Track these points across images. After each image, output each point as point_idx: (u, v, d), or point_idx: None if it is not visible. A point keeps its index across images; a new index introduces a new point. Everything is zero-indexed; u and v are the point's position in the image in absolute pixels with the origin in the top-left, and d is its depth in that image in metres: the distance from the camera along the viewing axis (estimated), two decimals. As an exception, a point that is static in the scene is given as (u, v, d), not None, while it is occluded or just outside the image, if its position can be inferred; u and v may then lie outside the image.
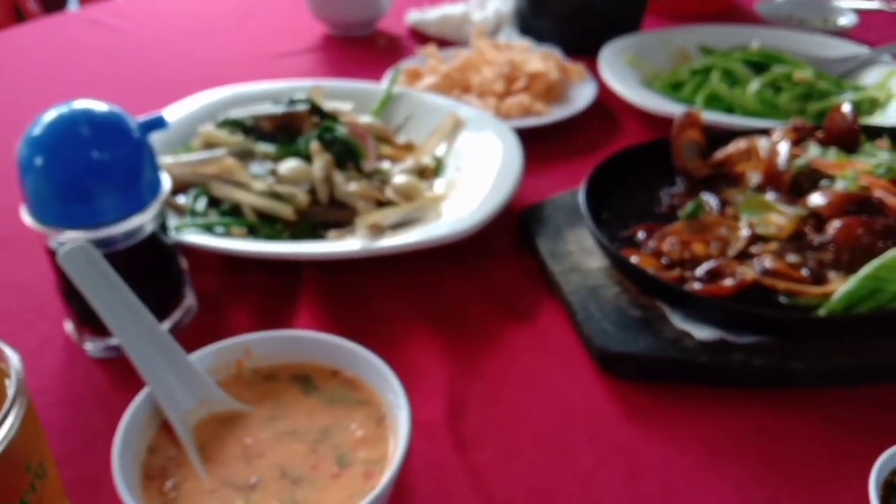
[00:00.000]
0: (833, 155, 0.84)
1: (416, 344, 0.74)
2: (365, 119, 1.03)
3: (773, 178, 0.82)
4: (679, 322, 0.71)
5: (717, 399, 0.67)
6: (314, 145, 0.87)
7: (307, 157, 0.88)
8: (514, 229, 0.89)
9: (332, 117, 0.94)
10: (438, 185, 0.93)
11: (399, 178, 0.88)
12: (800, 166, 0.82)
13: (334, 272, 0.80)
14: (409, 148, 1.01)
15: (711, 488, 0.59)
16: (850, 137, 0.87)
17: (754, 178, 0.85)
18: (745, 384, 0.68)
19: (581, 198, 0.81)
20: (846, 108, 0.88)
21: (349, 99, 1.07)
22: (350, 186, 0.85)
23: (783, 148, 0.83)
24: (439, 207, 0.86)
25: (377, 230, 0.80)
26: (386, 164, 0.96)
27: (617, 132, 1.11)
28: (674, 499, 0.59)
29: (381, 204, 0.85)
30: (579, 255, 0.81)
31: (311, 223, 0.83)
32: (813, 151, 0.84)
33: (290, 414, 0.58)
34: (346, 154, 0.89)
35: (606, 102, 1.15)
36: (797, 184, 0.82)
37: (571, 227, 0.84)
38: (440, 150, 0.99)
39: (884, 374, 0.68)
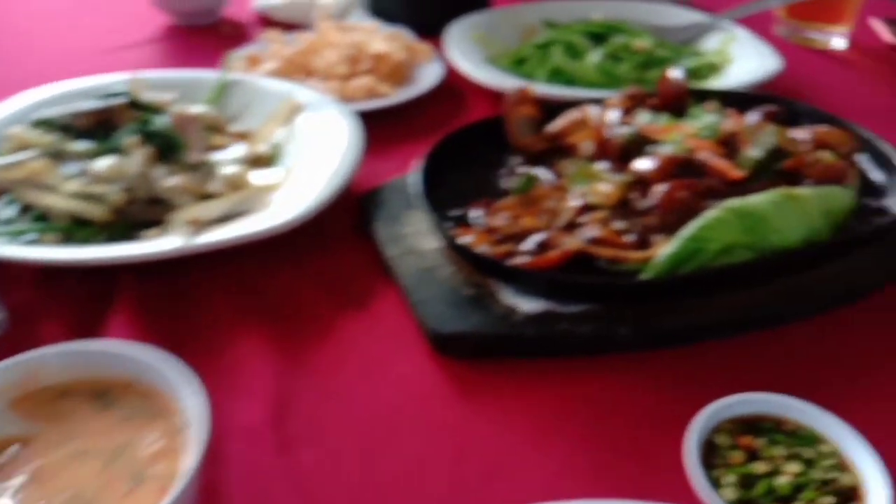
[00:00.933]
0: (664, 121, 0.85)
1: (245, 344, 0.70)
2: (196, 109, 0.97)
3: (603, 147, 0.82)
4: (509, 297, 0.70)
5: (545, 371, 0.66)
6: (130, 139, 0.82)
7: (126, 153, 0.82)
8: (353, 215, 0.86)
9: (152, 109, 0.88)
10: (275, 173, 0.89)
11: (226, 169, 0.84)
12: (630, 134, 0.82)
13: (154, 275, 0.75)
14: (244, 137, 0.96)
15: (537, 463, 0.59)
16: (680, 101, 0.88)
17: (587, 147, 0.85)
18: (573, 353, 0.68)
19: (415, 178, 0.79)
20: (675, 72, 0.89)
21: (181, 89, 1.01)
22: (169, 181, 0.80)
23: (612, 116, 0.83)
24: (269, 197, 0.82)
25: (198, 226, 0.75)
26: (217, 156, 0.91)
27: (464, 111, 1.09)
28: (498, 476, 0.57)
29: (208, 198, 0.81)
30: (416, 237, 0.79)
31: (130, 223, 0.78)
32: (643, 118, 0.85)
33: (83, 432, 0.53)
34: (168, 147, 0.84)
35: (454, 82, 1.13)
36: (627, 151, 0.82)
37: (409, 209, 0.82)
38: (278, 137, 0.95)
39: (706, 333, 0.69)
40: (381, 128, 1.03)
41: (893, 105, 1.17)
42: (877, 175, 0.84)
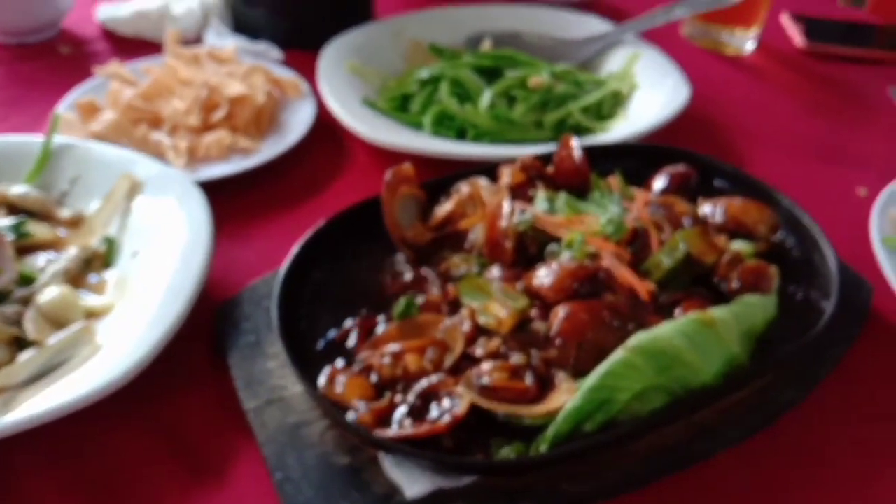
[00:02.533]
0: (562, 203, 0.74)
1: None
2: (17, 190, 0.81)
3: (495, 247, 0.71)
4: (391, 468, 0.59)
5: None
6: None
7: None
8: (206, 334, 0.72)
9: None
10: (108, 278, 0.75)
11: (47, 294, 0.69)
12: (525, 222, 0.71)
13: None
14: (75, 224, 0.81)
15: None
16: (580, 180, 0.78)
17: (478, 233, 0.74)
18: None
19: (273, 302, 0.66)
20: (573, 143, 0.78)
21: (-2, 158, 0.85)
22: (-29, 327, 0.65)
23: (506, 209, 0.72)
24: (96, 331, 0.67)
25: (6, 393, 0.61)
26: (41, 258, 0.76)
27: (342, 163, 0.95)
28: None
29: (22, 343, 0.66)
30: (281, 374, 0.67)
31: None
32: (539, 204, 0.74)
33: None
34: (-34, 274, 0.68)
35: (329, 121, 0.98)
36: (523, 247, 0.71)
37: (272, 332, 0.69)
38: (113, 226, 0.79)
39: (618, 489, 0.61)
40: (241, 194, 0.89)
41: (800, 125, 1.10)
42: (796, 251, 0.77)
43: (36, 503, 0.59)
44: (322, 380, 0.63)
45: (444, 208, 0.77)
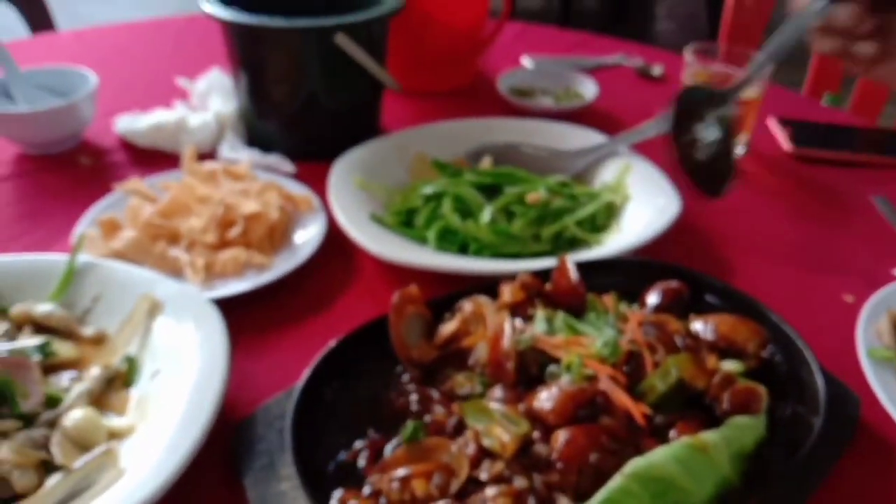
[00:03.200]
0: (560, 323, 0.79)
1: None
2: (42, 309, 0.86)
3: (498, 368, 0.75)
4: None
5: None
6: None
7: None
8: (225, 453, 0.76)
9: (-24, 348, 0.76)
10: (131, 396, 0.79)
11: (73, 416, 0.73)
12: (525, 342, 0.75)
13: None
14: (98, 342, 0.85)
15: None
16: (576, 299, 0.82)
17: (481, 352, 0.78)
18: None
19: (286, 433, 0.70)
20: (569, 265, 0.83)
21: (23, 277, 0.89)
22: (1, 451, 0.68)
23: (507, 331, 0.76)
24: (118, 457, 0.71)
25: (31, 525, 0.64)
26: (65, 377, 0.79)
27: (352, 277, 1.00)
28: None
29: (50, 467, 0.69)
30: (294, 496, 0.70)
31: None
32: (539, 325, 0.78)
33: None
34: (-3, 399, 0.72)
35: (339, 234, 1.03)
36: (524, 367, 0.75)
37: (285, 453, 0.73)
38: (134, 345, 0.84)
39: None
40: (256, 310, 0.93)
41: (788, 231, 1.15)
42: (784, 366, 0.80)
43: None
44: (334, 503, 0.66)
45: (449, 327, 0.81)
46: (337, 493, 0.67)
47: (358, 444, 0.72)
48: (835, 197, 1.23)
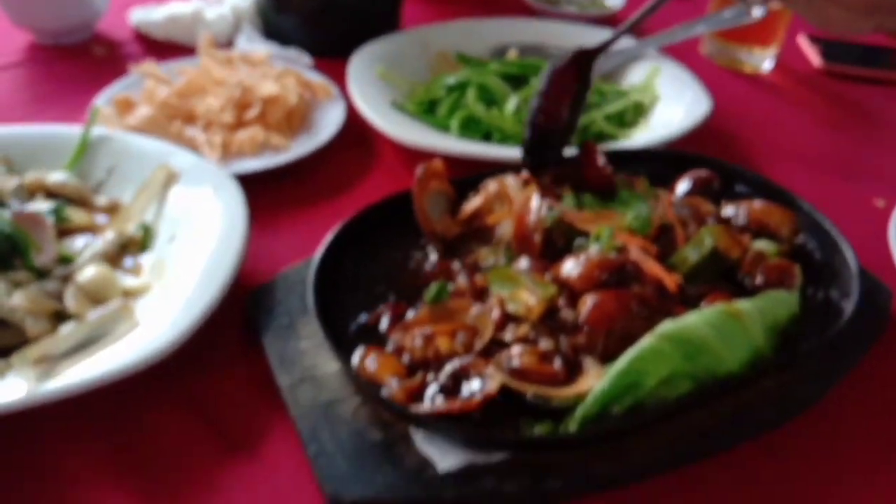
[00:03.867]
0: (590, 201, 0.76)
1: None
2: (56, 177, 0.83)
3: (524, 241, 0.73)
4: (423, 444, 0.60)
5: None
6: (-40, 247, 0.68)
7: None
8: (239, 318, 0.74)
9: (-11, 200, 0.74)
10: (145, 261, 0.77)
11: (87, 273, 0.71)
12: (552, 217, 0.73)
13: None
14: (112, 210, 0.83)
15: None
16: (605, 183, 0.79)
17: (506, 228, 0.76)
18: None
19: (308, 285, 0.68)
20: (596, 149, 0.80)
21: (36, 149, 0.87)
22: (14, 299, 0.66)
23: (535, 204, 0.74)
24: (135, 308, 0.69)
25: (46, 364, 0.62)
26: (79, 241, 0.77)
27: (371, 163, 0.98)
28: None
29: (62, 316, 0.68)
30: (314, 355, 0.68)
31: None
32: (567, 202, 0.76)
33: None
34: (11, 250, 0.70)
35: (358, 123, 1.01)
36: (551, 241, 0.73)
37: (306, 315, 0.71)
38: (149, 213, 0.81)
39: (645, 473, 0.62)
40: (273, 189, 0.91)
41: (818, 140, 1.12)
42: (818, 255, 0.78)
43: (72, 475, 0.61)
44: (356, 358, 0.64)
45: (473, 204, 0.78)
46: (359, 349, 0.65)
47: (380, 307, 0.70)
48: (865, 111, 1.20)
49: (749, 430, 0.65)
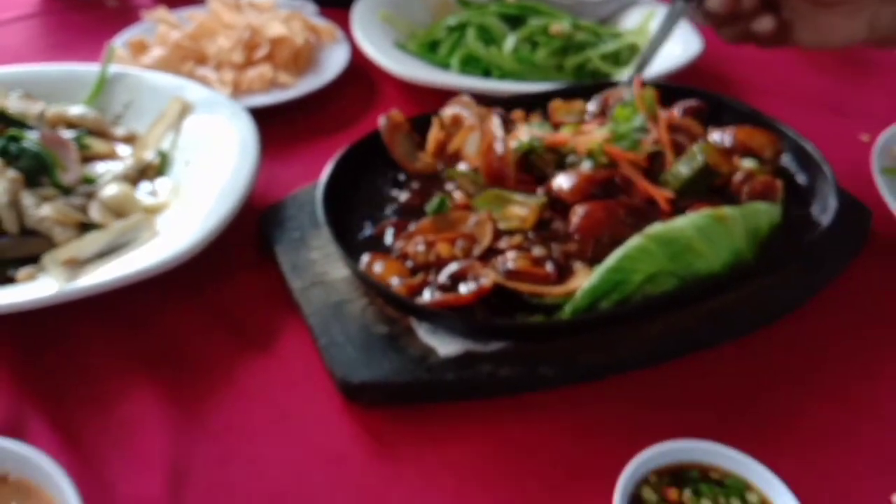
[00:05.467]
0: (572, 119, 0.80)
1: (136, 397, 0.63)
2: (75, 111, 0.88)
3: (496, 177, 0.75)
4: (425, 335, 0.65)
5: (466, 414, 0.63)
6: (-8, 162, 0.72)
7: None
8: (253, 235, 0.79)
9: (17, 123, 0.78)
10: (162, 189, 0.81)
11: (109, 190, 0.75)
12: (528, 144, 0.76)
13: (26, 320, 0.67)
14: (129, 140, 0.87)
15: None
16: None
17: (470, 148, 0.78)
18: (495, 394, 0.64)
19: (318, 199, 0.72)
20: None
21: (57, 85, 0.91)
22: (42, 210, 0.71)
23: (497, 133, 0.76)
24: (155, 221, 0.74)
25: (75, 265, 0.67)
26: (99, 167, 0.82)
27: (374, 100, 1.02)
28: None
29: (87, 227, 0.72)
30: (323, 263, 0.73)
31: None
32: (538, 128, 0.79)
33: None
34: (37, 169, 0.74)
35: (361, 65, 1.05)
36: (539, 168, 0.76)
37: (316, 229, 0.75)
38: (165, 143, 0.86)
39: (630, 364, 0.67)
40: (282, 124, 0.95)
41: (807, 80, 1.15)
42: (801, 177, 0.82)
43: (106, 368, 0.66)
44: (363, 262, 0.69)
45: (433, 136, 0.81)
46: (365, 257, 0.70)
47: (384, 222, 0.75)
48: (854, 52, 1.23)
49: (729, 331, 0.70)
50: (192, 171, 0.81)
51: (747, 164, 0.78)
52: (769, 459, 0.55)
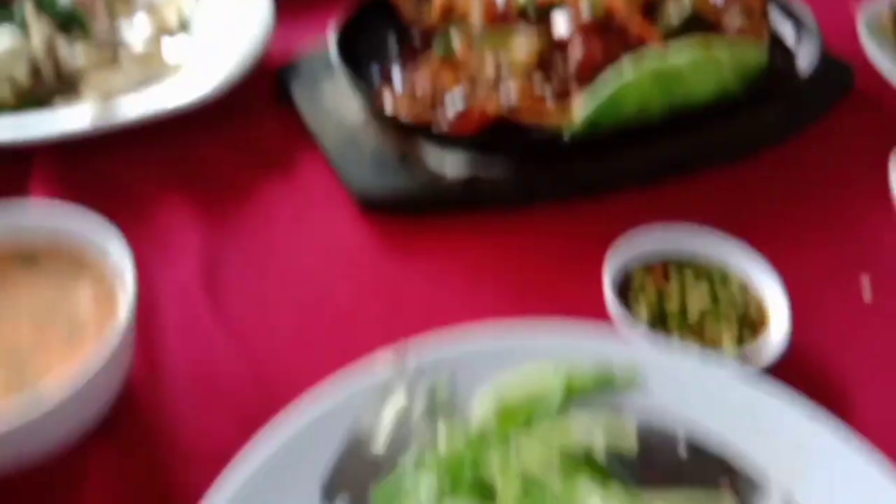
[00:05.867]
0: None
1: (171, 211, 0.70)
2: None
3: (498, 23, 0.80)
4: (434, 161, 0.71)
5: (472, 224, 0.69)
6: (29, 11, 0.77)
7: (24, 29, 0.78)
8: (271, 87, 0.84)
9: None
10: (186, 46, 0.86)
11: (137, 46, 0.81)
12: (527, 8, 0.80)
13: (69, 148, 0.73)
14: (150, 8, 0.92)
15: (465, 310, 0.60)
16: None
17: (475, 10, 0.82)
18: (498, 205, 0.70)
19: (331, 41, 0.78)
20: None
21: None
22: (77, 57, 0.76)
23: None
24: (182, 71, 0.79)
25: (111, 97, 0.73)
26: (123, 29, 0.87)
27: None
28: (430, 322, 0.59)
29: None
30: (338, 108, 0.78)
31: (38, 106, 0.74)
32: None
33: (13, 296, 0.53)
34: (70, 20, 0.79)
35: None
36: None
37: (331, 79, 0.80)
38: (186, 7, 0.91)
39: (622, 181, 0.72)
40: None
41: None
42: (786, 31, 0.86)
43: (143, 189, 0.72)
44: (375, 94, 0.74)
45: None
46: (376, 90, 0.75)
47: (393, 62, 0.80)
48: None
49: (715, 159, 0.75)
50: (211, 33, 0.86)
51: (736, 16, 0.83)
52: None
